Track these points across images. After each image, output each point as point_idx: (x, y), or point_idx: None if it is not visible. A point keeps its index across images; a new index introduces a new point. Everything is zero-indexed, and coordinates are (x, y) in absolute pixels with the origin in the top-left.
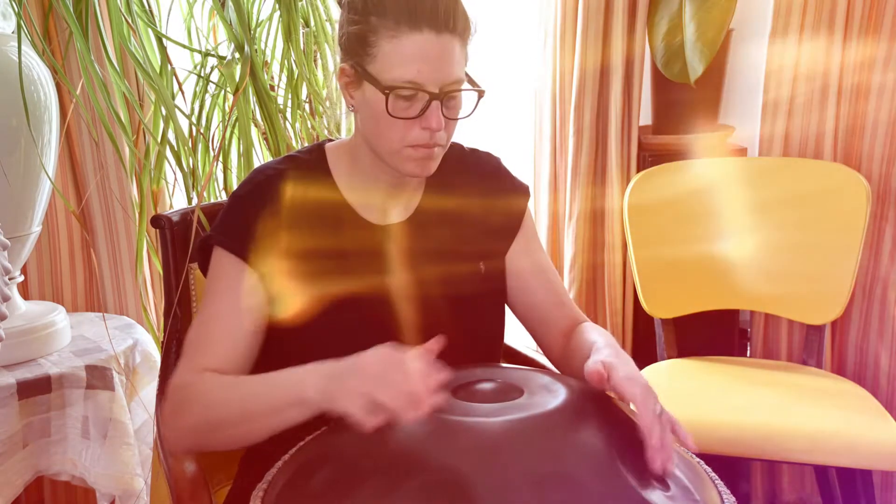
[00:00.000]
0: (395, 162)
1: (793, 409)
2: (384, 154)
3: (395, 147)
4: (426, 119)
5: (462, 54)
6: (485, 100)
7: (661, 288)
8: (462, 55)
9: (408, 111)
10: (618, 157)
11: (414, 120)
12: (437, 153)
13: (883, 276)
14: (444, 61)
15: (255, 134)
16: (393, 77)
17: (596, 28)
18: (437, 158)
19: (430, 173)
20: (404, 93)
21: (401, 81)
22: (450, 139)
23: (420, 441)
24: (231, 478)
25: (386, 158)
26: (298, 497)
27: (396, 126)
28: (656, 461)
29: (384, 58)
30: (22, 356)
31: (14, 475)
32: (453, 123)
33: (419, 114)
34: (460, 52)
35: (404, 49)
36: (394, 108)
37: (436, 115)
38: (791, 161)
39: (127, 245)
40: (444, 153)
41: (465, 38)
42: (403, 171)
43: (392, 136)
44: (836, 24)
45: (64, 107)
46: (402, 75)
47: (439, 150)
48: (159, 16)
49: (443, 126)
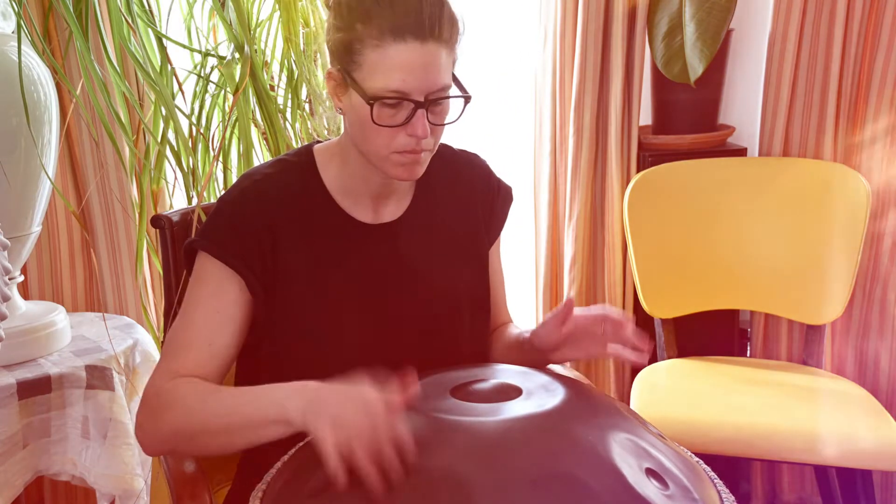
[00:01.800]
0: (383, 166)
1: (793, 409)
2: (371, 158)
3: (382, 153)
4: (412, 126)
5: (448, 60)
6: (485, 99)
7: (661, 288)
8: (448, 61)
9: (393, 119)
10: (618, 157)
11: (399, 127)
12: (424, 158)
13: (883, 276)
14: (429, 70)
15: (255, 134)
16: (377, 86)
17: (596, 28)
18: (425, 163)
19: (418, 177)
20: (389, 101)
21: (385, 91)
22: (437, 143)
23: (419, 441)
24: (231, 478)
25: (374, 162)
26: (298, 497)
27: (382, 133)
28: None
29: (369, 66)
30: (22, 356)
31: (14, 475)
32: (441, 128)
33: (405, 121)
34: (446, 58)
35: (388, 59)
36: (379, 116)
37: (421, 122)
38: (791, 161)
39: (127, 245)
40: (431, 156)
41: (451, 44)
42: (391, 175)
43: (378, 142)
44: (836, 24)
45: (64, 107)
46: (386, 84)
47: (426, 155)
48: (159, 16)
49: (429, 133)
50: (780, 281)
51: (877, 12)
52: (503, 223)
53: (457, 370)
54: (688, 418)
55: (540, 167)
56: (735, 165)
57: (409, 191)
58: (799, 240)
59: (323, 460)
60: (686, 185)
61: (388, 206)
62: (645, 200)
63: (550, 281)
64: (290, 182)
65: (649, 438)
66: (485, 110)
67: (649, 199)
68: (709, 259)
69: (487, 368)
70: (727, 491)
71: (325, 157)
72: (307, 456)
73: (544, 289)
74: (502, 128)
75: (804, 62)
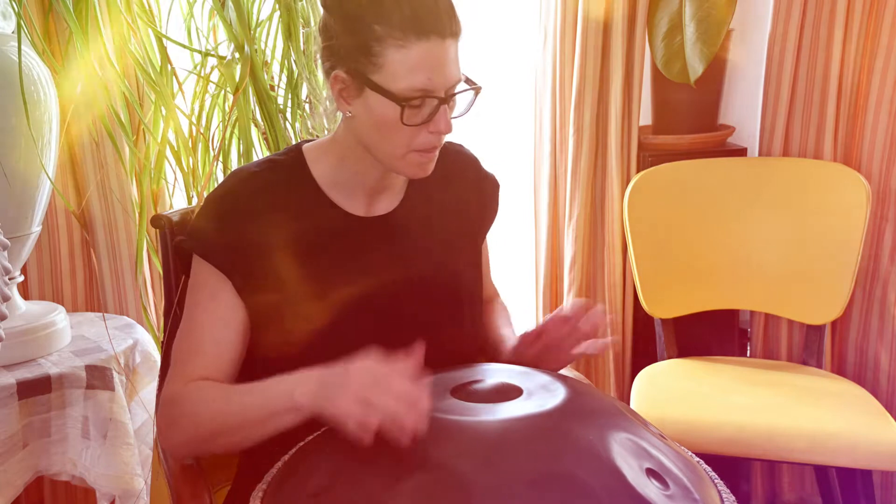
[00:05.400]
0: (397, 166)
1: (793, 409)
2: (385, 158)
3: (400, 152)
4: (435, 123)
5: (460, 56)
6: (485, 99)
7: (661, 288)
8: (458, 54)
9: (418, 117)
10: (618, 157)
11: (421, 125)
12: (437, 154)
13: (883, 276)
14: (450, 65)
15: (255, 134)
16: (402, 86)
17: (596, 28)
18: (436, 158)
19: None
20: (415, 102)
21: (412, 91)
22: None
23: (419, 441)
24: (231, 478)
25: (386, 162)
26: (298, 497)
27: (404, 133)
28: None
29: (392, 67)
30: (22, 356)
31: (14, 475)
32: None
33: (427, 119)
34: (459, 53)
35: (413, 58)
36: (408, 117)
37: (444, 118)
38: (791, 161)
39: (127, 245)
40: None
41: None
42: (405, 174)
43: (399, 141)
44: (836, 24)
45: (64, 107)
46: (412, 84)
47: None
48: (159, 16)
49: (451, 129)
50: (780, 281)
51: (877, 12)
52: (496, 212)
53: (457, 370)
54: (688, 418)
55: (540, 167)
56: (735, 165)
57: (402, 184)
58: (799, 240)
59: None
60: (686, 185)
61: (381, 199)
62: (645, 200)
63: (550, 281)
64: (278, 178)
65: (649, 438)
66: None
67: (649, 199)
68: (709, 259)
69: (488, 368)
70: (727, 491)
71: (315, 153)
72: (307, 456)
73: (544, 289)
74: (502, 128)
75: (804, 62)
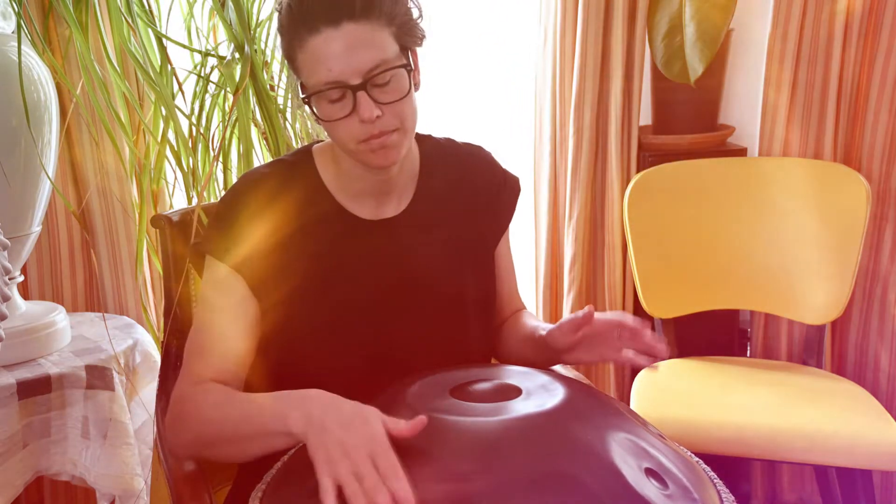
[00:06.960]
0: (358, 158)
1: (793, 409)
2: (348, 154)
3: (351, 146)
4: (358, 112)
5: (382, 34)
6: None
7: (661, 288)
8: (382, 35)
9: (341, 110)
10: (618, 157)
11: (350, 117)
12: (394, 140)
13: (883, 276)
14: (354, 51)
15: (255, 134)
16: (312, 83)
17: (596, 28)
18: (399, 145)
19: (397, 161)
20: (333, 95)
21: (320, 85)
22: (405, 121)
23: (419, 441)
24: (231, 478)
25: (351, 157)
26: (298, 497)
27: (339, 127)
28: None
29: (302, 68)
30: (22, 356)
31: (14, 475)
32: (398, 105)
33: (352, 110)
34: (377, 33)
35: (311, 54)
36: (325, 112)
37: (365, 105)
38: (791, 161)
39: (127, 245)
40: (407, 137)
41: (378, 17)
42: (369, 165)
43: (342, 137)
44: (836, 24)
45: (64, 107)
46: (319, 78)
47: (397, 136)
48: (159, 16)
49: (376, 114)
50: (780, 281)
51: (877, 12)
52: (511, 215)
53: (457, 370)
54: (688, 418)
55: (540, 167)
56: (735, 165)
57: (410, 187)
58: (799, 240)
59: None
60: (686, 185)
61: (389, 202)
62: (645, 200)
63: (550, 281)
64: (288, 181)
65: (649, 438)
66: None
67: (649, 199)
68: (709, 259)
69: (487, 368)
70: (727, 491)
71: (324, 157)
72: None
73: (544, 289)
74: (502, 128)
75: (804, 62)
